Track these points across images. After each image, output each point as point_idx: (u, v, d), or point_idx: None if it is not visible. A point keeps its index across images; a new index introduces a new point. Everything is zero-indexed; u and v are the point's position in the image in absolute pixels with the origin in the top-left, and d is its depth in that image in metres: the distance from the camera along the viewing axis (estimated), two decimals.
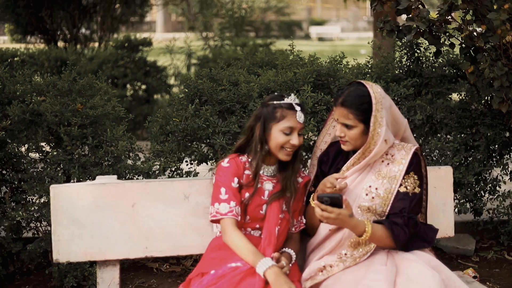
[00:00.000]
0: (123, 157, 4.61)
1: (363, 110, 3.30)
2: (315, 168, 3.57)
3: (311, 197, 3.42)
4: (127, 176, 4.54)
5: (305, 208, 3.53)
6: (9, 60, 9.32)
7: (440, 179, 3.86)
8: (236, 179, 3.35)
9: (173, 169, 4.84)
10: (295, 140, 3.34)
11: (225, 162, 3.40)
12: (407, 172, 3.32)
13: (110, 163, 4.49)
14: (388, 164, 3.35)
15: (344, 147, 3.41)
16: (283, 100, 3.38)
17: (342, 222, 3.09)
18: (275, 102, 3.38)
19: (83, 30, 12.03)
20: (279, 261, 3.21)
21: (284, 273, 3.13)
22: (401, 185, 3.31)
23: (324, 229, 3.39)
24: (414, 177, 3.33)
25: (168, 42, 12.69)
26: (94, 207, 3.57)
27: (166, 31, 33.19)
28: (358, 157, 3.35)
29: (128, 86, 9.98)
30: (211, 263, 3.28)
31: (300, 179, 3.50)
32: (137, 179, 4.50)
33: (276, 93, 3.49)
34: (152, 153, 4.84)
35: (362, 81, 3.39)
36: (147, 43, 10.38)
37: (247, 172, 3.40)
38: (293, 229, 3.50)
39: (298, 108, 3.37)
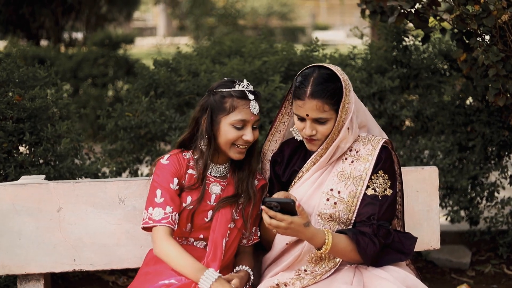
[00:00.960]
0: (77, 155, 4.14)
1: (335, 97, 2.77)
2: (268, 172, 3.03)
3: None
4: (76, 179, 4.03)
5: (260, 218, 2.98)
6: None
7: (424, 181, 3.34)
8: (176, 180, 2.83)
9: (131, 171, 4.36)
10: (248, 135, 2.82)
11: (164, 159, 2.89)
12: (375, 171, 2.79)
13: (53, 164, 3.99)
14: (352, 162, 2.82)
15: (313, 147, 2.87)
16: (234, 87, 2.86)
17: (296, 232, 2.56)
18: (224, 89, 2.86)
19: (68, 34, 11.68)
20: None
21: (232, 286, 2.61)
22: (368, 186, 2.78)
23: (280, 242, 2.88)
24: (384, 176, 2.80)
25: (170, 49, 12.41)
26: (13, 212, 3.09)
27: (167, 36, 33.34)
28: (321, 153, 2.81)
29: (109, 85, 9.54)
30: (144, 280, 2.78)
31: (256, 182, 2.97)
32: None
33: (226, 79, 2.95)
34: (104, 152, 4.35)
35: (319, 64, 2.86)
36: (129, 40, 9.96)
37: (190, 171, 2.88)
38: (245, 241, 2.96)
39: (251, 96, 2.85)
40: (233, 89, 2.86)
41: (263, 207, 2.57)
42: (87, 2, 11.38)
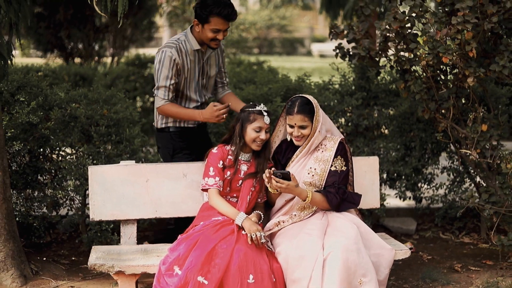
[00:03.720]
0: (143, 150, 6.06)
1: (311, 113, 4.69)
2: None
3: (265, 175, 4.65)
4: None
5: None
6: (33, 75, 10.61)
7: (369, 166, 5.24)
8: (221, 162, 4.75)
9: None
10: (263, 135, 4.74)
11: (214, 149, 4.80)
12: (335, 156, 4.70)
13: (128, 155, 5.88)
14: (322, 151, 4.74)
15: (298, 143, 4.77)
16: (255, 107, 4.79)
17: (290, 190, 4.49)
18: (250, 109, 4.79)
19: (96, 48, 13.26)
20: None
21: (254, 222, 4.53)
22: (332, 165, 4.69)
23: (281, 200, 4.78)
24: (341, 159, 4.72)
25: None
26: (118, 182, 4.98)
27: None
28: (304, 147, 4.75)
29: (137, 98, 11.30)
30: (201, 219, 4.69)
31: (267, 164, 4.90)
32: None
33: (251, 103, 4.89)
34: None
35: (302, 95, 4.76)
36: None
37: (229, 157, 4.79)
38: (259, 200, 4.89)
39: (265, 113, 4.77)
40: (255, 108, 4.79)
41: (272, 176, 4.50)
42: (114, 26, 12.97)
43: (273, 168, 4.61)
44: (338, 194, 4.63)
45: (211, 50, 5.27)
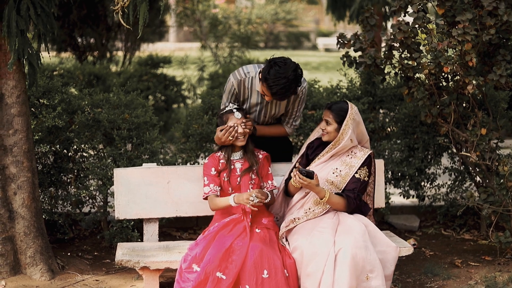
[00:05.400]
0: (162, 151, 6.44)
1: (340, 116, 5.03)
2: (303, 150, 5.30)
3: (293, 172, 4.97)
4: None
5: (286, 183, 5.19)
6: (49, 74, 10.97)
7: (376, 168, 5.59)
8: (213, 169, 5.09)
9: (192, 162, 6.63)
10: (240, 129, 5.05)
11: (205, 160, 5.17)
12: (362, 165, 5.07)
13: (148, 156, 6.25)
14: (351, 157, 5.10)
15: (324, 138, 5.13)
16: (225, 109, 5.16)
17: (311, 187, 4.87)
18: (221, 112, 5.18)
19: (109, 46, 13.64)
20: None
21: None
22: (356, 172, 5.05)
23: (301, 193, 5.12)
24: (366, 170, 5.08)
25: (183, 54, 14.17)
26: (142, 184, 5.35)
27: (178, 41, 34.43)
28: (331, 147, 5.10)
29: (150, 97, 11.68)
30: (216, 220, 5.06)
31: (260, 155, 5.22)
32: None
33: (222, 107, 5.27)
34: (177, 150, 6.64)
35: (347, 101, 5.15)
36: (167, 61, 12.14)
37: (222, 161, 5.12)
38: (265, 189, 5.19)
39: (235, 110, 5.11)
40: (224, 110, 5.14)
41: (297, 172, 4.82)
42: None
43: (299, 166, 4.94)
44: (356, 200, 5.01)
45: None
